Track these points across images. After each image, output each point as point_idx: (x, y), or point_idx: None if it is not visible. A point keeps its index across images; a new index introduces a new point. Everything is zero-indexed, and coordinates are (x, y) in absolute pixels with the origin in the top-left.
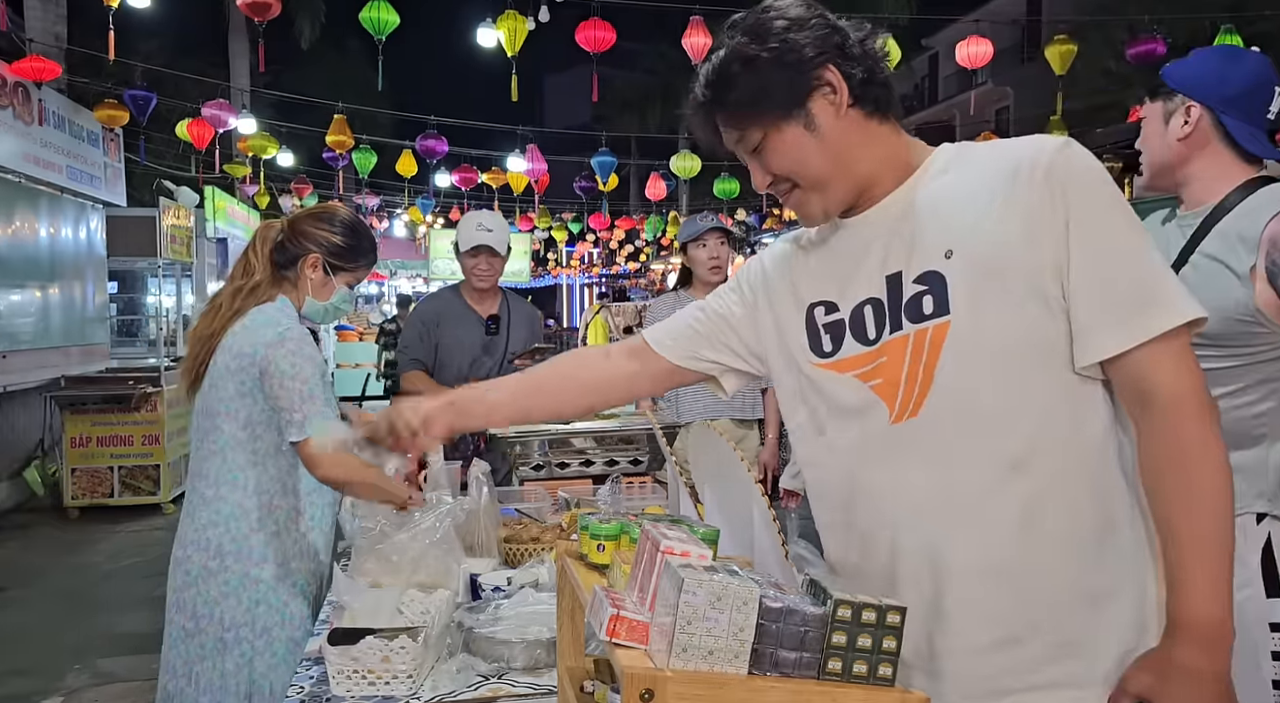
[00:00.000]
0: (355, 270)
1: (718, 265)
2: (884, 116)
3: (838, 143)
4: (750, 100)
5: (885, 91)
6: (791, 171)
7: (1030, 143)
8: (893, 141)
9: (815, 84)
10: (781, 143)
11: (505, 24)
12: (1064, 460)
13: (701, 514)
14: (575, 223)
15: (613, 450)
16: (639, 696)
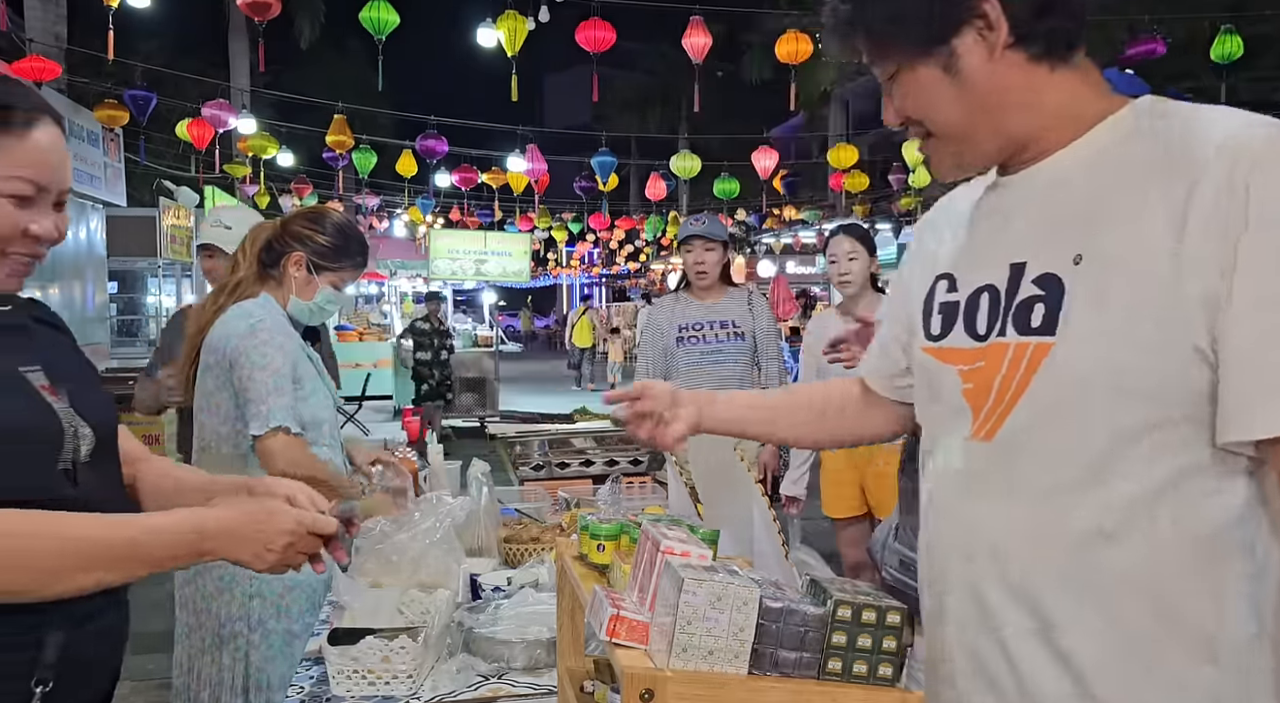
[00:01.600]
0: (340, 271)
1: (702, 270)
2: (1059, 60)
3: (984, 91)
4: (883, 26)
5: (1066, 28)
6: (922, 117)
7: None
8: (1067, 90)
9: (966, 16)
10: (914, 82)
11: (505, 24)
12: (1161, 548)
13: (701, 514)
14: (575, 223)
15: (613, 450)
16: (639, 696)
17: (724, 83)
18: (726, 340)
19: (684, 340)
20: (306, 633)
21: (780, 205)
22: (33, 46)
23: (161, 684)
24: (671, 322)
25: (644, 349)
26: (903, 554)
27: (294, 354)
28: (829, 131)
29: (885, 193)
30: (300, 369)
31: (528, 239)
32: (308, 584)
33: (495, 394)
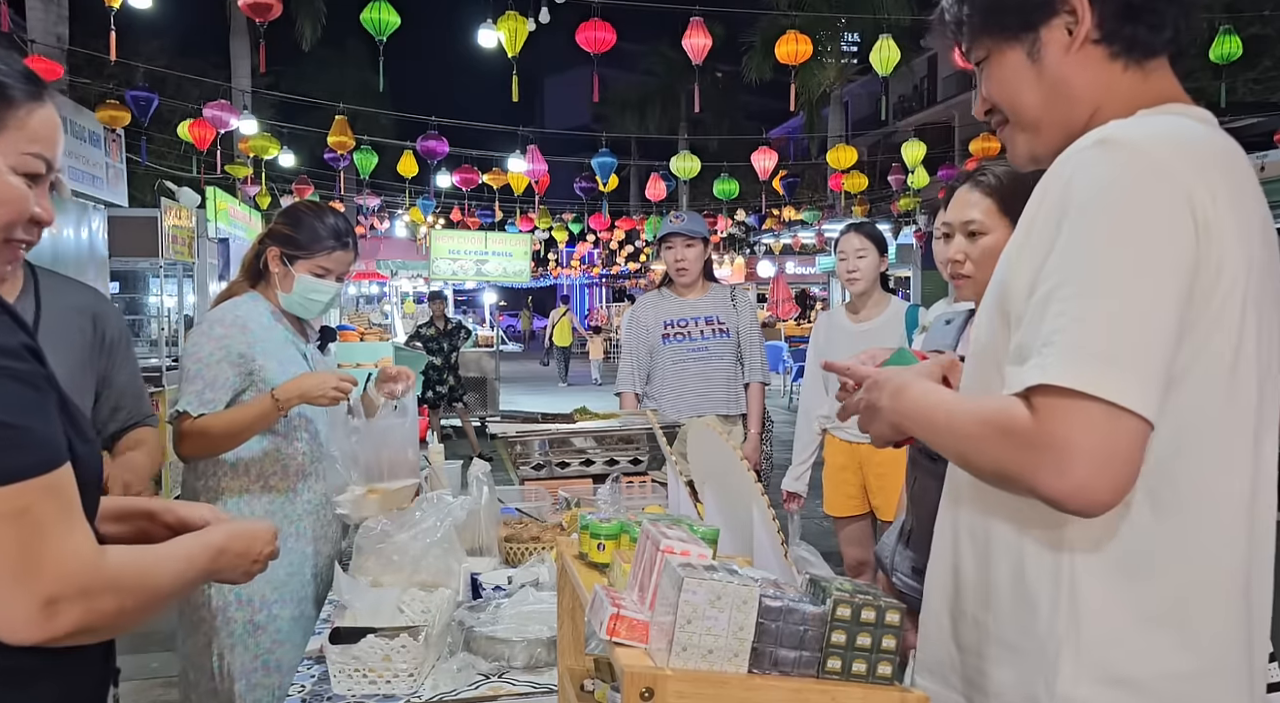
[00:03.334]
0: (313, 257)
1: (683, 267)
2: (1137, 62)
3: (1060, 82)
4: (980, 14)
5: (1153, 32)
6: (1003, 102)
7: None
8: (1124, 92)
9: (1056, 9)
10: (1001, 67)
11: (505, 25)
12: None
13: (701, 514)
14: (575, 223)
15: (613, 450)
16: (639, 694)
17: (724, 83)
18: (713, 337)
19: (670, 338)
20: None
21: (780, 206)
22: (34, 47)
23: (165, 683)
24: (656, 319)
25: (627, 347)
26: (915, 561)
27: (246, 346)
28: (829, 132)
29: (885, 193)
30: (260, 362)
31: (528, 239)
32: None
33: (496, 394)
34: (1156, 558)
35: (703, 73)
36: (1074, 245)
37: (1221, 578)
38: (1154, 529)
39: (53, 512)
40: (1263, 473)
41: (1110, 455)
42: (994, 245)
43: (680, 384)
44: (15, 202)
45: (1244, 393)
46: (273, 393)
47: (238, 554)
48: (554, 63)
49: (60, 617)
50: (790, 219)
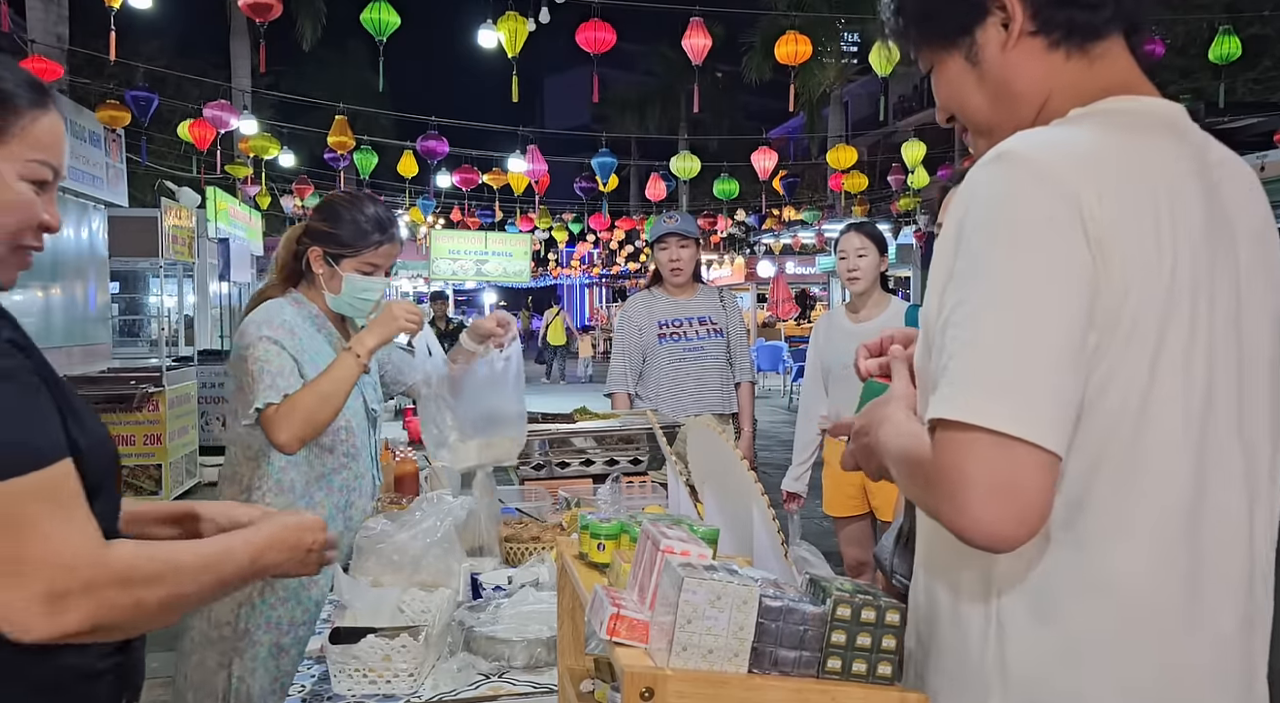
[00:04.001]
0: (359, 255)
1: (678, 267)
2: (1079, 47)
3: (1001, 82)
4: (915, 25)
5: (1091, 12)
6: (954, 109)
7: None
8: (1068, 81)
9: (987, 7)
10: (945, 76)
11: (505, 25)
12: None
13: (701, 514)
14: (575, 223)
15: (613, 450)
16: (639, 694)
17: (724, 83)
18: (708, 337)
19: (666, 338)
20: (297, 647)
21: (780, 206)
22: (34, 47)
23: (164, 683)
24: (650, 319)
25: (620, 346)
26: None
27: (297, 351)
28: (828, 132)
29: (884, 193)
30: (307, 372)
31: (528, 239)
32: (306, 596)
33: None
34: (1083, 591)
35: (703, 73)
36: (966, 267)
37: (1153, 611)
38: (1077, 561)
39: (44, 510)
40: (1210, 498)
41: (1007, 488)
42: None
43: (677, 384)
44: (23, 209)
45: (1167, 415)
46: (349, 346)
47: (289, 546)
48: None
49: (69, 612)
50: (790, 219)
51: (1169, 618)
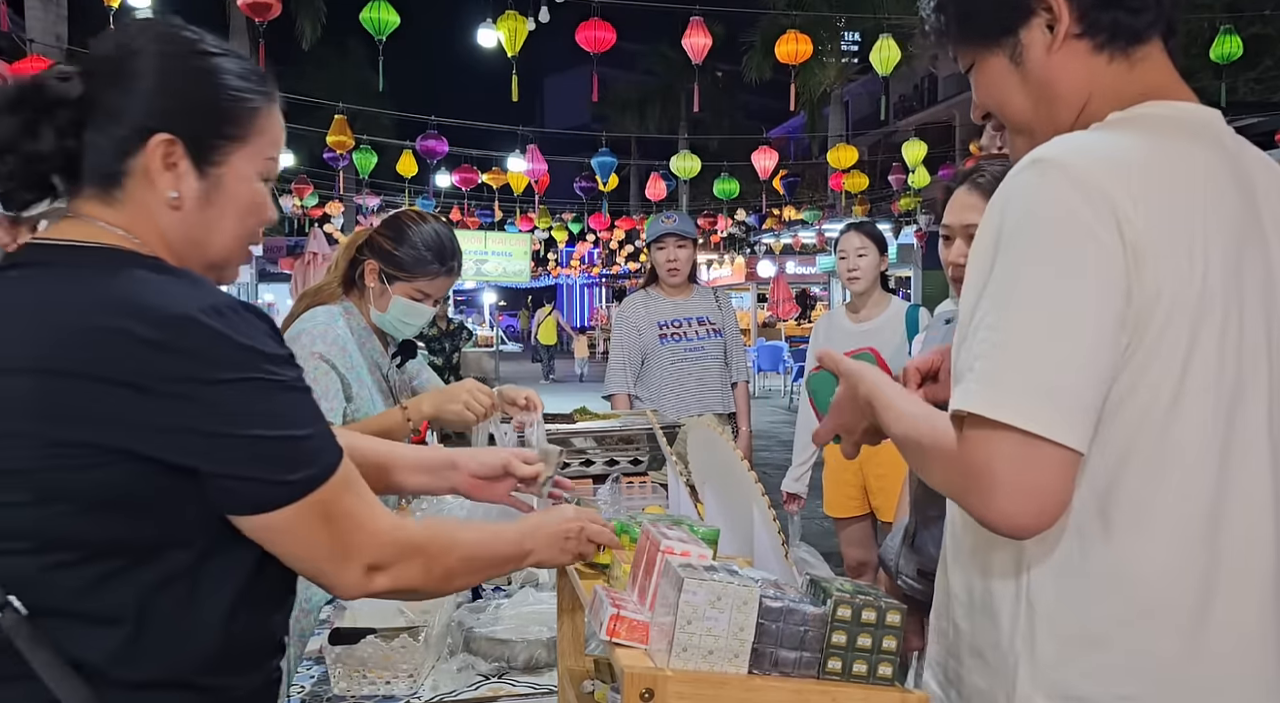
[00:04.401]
0: (413, 281)
1: (675, 267)
2: (1122, 50)
3: (1045, 82)
4: (957, 23)
5: (1134, 15)
6: (993, 108)
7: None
8: (1124, 84)
9: (1033, 9)
10: (986, 74)
11: (505, 24)
12: None
13: (702, 514)
14: (575, 223)
15: (613, 450)
16: (639, 695)
17: (724, 83)
18: (707, 337)
19: (666, 338)
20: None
21: (780, 205)
22: (33, 47)
23: None
24: (649, 319)
25: (618, 347)
26: (920, 563)
27: (346, 369)
28: (829, 131)
29: (885, 193)
30: (355, 390)
31: (528, 239)
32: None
33: None
34: (1106, 579)
35: (703, 72)
36: (1002, 270)
37: (1167, 604)
38: (1103, 550)
39: (351, 500)
40: (1235, 495)
41: (1029, 486)
42: None
43: (679, 385)
44: (264, 208)
45: (1196, 413)
46: (405, 405)
47: (549, 534)
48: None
49: (377, 579)
50: (790, 219)
51: (1181, 612)
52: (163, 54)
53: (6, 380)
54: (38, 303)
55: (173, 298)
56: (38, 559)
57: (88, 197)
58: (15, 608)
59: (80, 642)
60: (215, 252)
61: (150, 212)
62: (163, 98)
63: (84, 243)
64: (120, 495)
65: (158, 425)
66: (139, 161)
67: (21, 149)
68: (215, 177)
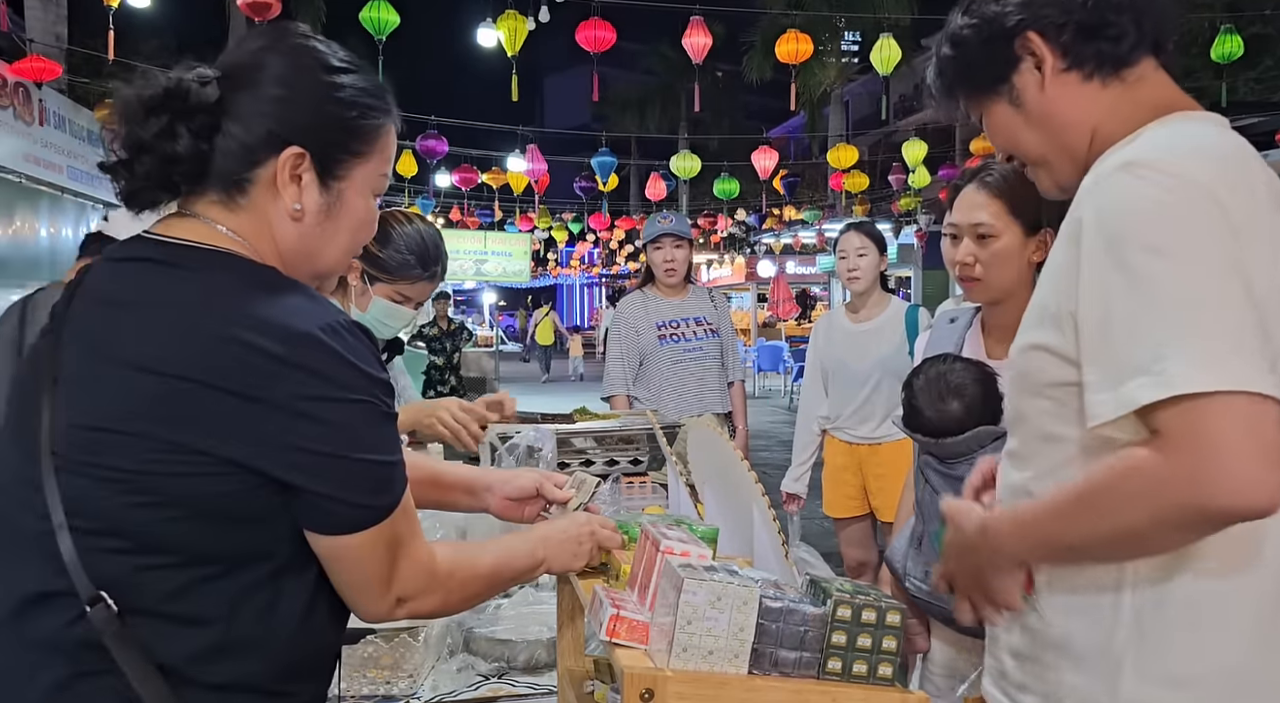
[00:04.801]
0: (394, 283)
1: (672, 268)
2: (1113, 74)
3: (1047, 117)
4: (957, 82)
5: (1114, 44)
6: (1008, 149)
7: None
8: (1106, 106)
9: (1018, 56)
10: (994, 120)
11: (505, 24)
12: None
13: (702, 514)
14: (575, 223)
15: (613, 450)
16: (639, 695)
17: (724, 83)
18: (705, 337)
19: (666, 339)
20: None
21: (780, 205)
22: (33, 47)
23: None
24: (647, 320)
25: (616, 348)
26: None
27: None
28: (829, 131)
29: (885, 193)
30: None
31: (528, 239)
32: None
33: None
34: (1208, 556)
35: (703, 72)
36: (1140, 272)
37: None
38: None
39: (407, 529)
40: None
41: (1269, 444)
42: (1005, 248)
43: (679, 385)
44: (371, 224)
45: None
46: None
47: (560, 542)
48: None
49: (401, 610)
50: (791, 219)
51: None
52: (297, 67)
53: (131, 377)
54: (163, 302)
55: (296, 314)
56: (135, 560)
57: (209, 199)
58: (108, 604)
59: (164, 642)
60: (325, 263)
61: (270, 220)
62: (296, 111)
63: (201, 244)
64: (224, 506)
65: (272, 440)
66: (267, 170)
67: (159, 150)
68: (337, 191)
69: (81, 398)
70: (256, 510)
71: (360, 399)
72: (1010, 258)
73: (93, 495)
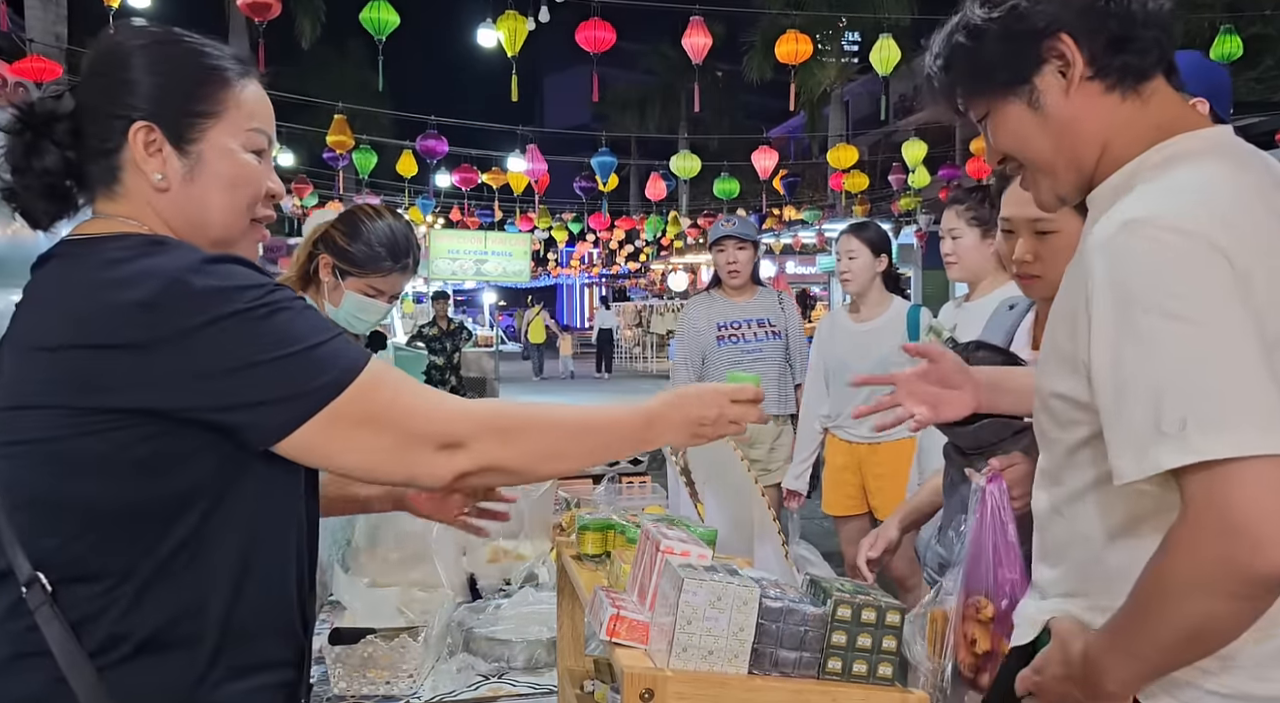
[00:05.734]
0: (365, 277)
1: (734, 269)
2: (1132, 88)
3: (1066, 124)
4: (971, 76)
5: (1140, 57)
6: (1014, 152)
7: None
8: (1141, 120)
9: (1045, 57)
10: (1005, 121)
11: (505, 24)
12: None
13: (702, 514)
14: (575, 223)
15: None
16: (639, 695)
17: (724, 83)
18: (765, 339)
19: (724, 340)
20: None
21: (780, 205)
22: (33, 46)
23: None
24: (710, 321)
25: (681, 349)
26: (943, 557)
27: None
28: (829, 131)
29: (885, 193)
30: None
31: (528, 239)
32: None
33: (495, 394)
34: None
35: (703, 72)
36: (1150, 336)
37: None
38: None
39: (391, 394)
40: None
41: None
42: (1066, 243)
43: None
44: (254, 179)
45: None
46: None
47: (681, 421)
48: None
49: (458, 456)
50: (791, 219)
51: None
52: (131, 48)
53: (32, 357)
54: (52, 288)
55: (157, 265)
56: (67, 528)
57: (100, 197)
58: (43, 585)
59: (97, 607)
60: (214, 228)
61: (147, 199)
62: (133, 88)
63: (99, 235)
64: (147, 458)
65: (170, 380)
66: (127, 154)
67: (33, 166)
68: (195, 154)
69: (3, 387)
70: (181, 456)
71: (234, 311)
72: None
73: (17, 473)
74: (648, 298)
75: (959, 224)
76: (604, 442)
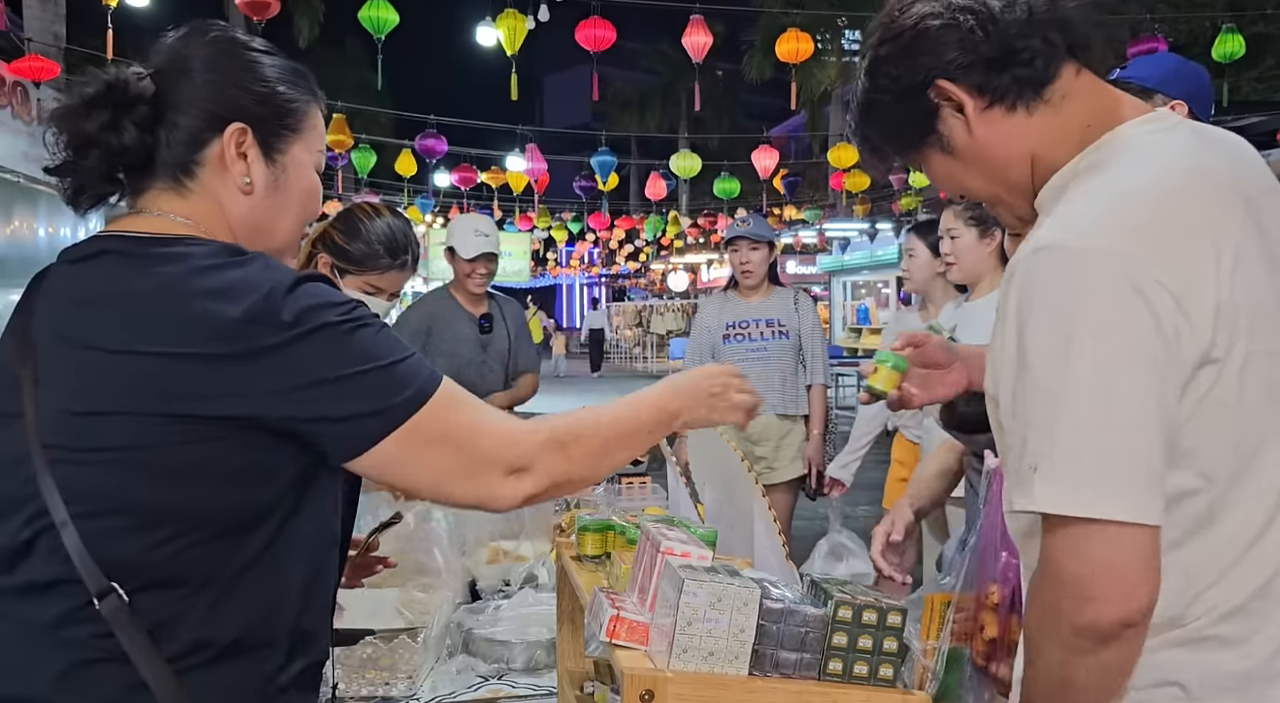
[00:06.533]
0: (364, 275)
1: (748, 270)
2: (1036, 99)
3: (980, 156)
4: (884, 140)
5: (1028, 68)
6: (954, 192)
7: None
8: (1036, 135)
9: (934, 105)
10: (932, 169)
11: (505, 23)
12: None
13: (702, 514)
14: (575, 223)
15: None
16: (639, 697)
17: (724, 82)
18: (772, 338)
19: (730, 338)
20: None
21: (781, 205)
22: (31, 46)
23: None
24: (719, 320)
25: (694, 347)
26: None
27: None
28: (830, 130)
29: (886, 192)
30: None
31: (528, 239)
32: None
33: None
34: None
35: (703, 71)
36: (1036, 364)
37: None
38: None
39: (464, 415)
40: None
41: (1122, 573)
42: None
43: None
44: (318, 196)
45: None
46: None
47: (691, 390)
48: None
49: (525, 480)
50: (791, 218)
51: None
52: (223, 52)
53: (115, 360)
54: (130, 292)
55: (247, 280)
56: (142, 537)
57: (157, 190)
58: (119, 594)
59: (174, 614)
60: (279, 237)
61: (220, 199)
62: (232, 91)
63: (156, 234)
64: (225, 467)
65: (254, 390)
66: (213, 150)
67: (105, 143)
68: (281, 164)
69: (67, 389)
70: (271, 468)
71: (325, 324)
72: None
73: (92, 481)
74: (648, 298)
75: (957, 224)
76: (636, 424)
